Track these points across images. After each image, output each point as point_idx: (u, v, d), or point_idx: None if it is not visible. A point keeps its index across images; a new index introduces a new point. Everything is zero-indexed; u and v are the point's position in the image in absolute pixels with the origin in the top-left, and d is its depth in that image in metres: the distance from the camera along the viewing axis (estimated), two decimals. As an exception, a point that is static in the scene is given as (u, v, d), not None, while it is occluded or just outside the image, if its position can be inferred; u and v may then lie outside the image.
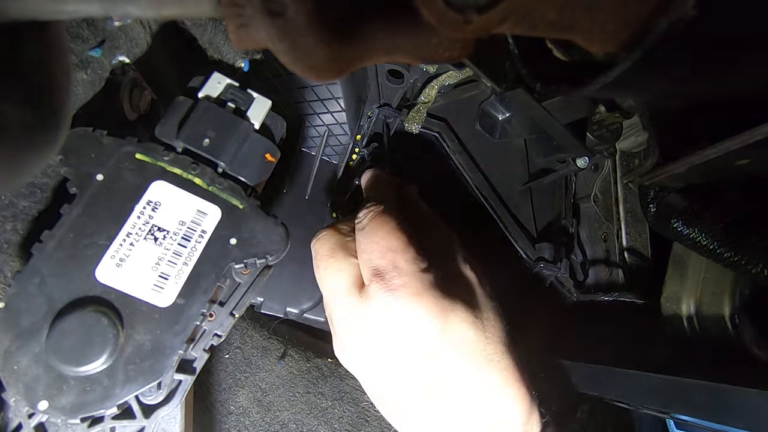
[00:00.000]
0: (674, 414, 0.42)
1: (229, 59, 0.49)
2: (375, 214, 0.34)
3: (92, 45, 0.37)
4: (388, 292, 0.31)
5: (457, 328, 0.31)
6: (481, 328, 0.32)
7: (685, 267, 0.50)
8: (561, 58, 0.24)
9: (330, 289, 0.34)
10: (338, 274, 0.34)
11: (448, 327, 0.31)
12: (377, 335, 0.31)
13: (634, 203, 0.53)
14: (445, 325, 0.31)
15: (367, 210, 0.35)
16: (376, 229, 0.33)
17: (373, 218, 0.34)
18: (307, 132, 0.54)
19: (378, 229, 0.33)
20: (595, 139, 0.51)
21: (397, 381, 0.32)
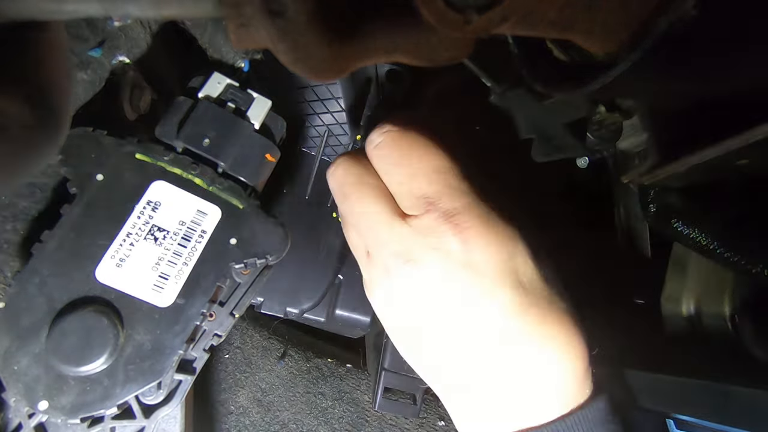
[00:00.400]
0: (674, 414, 0.42)
1: (229, 59, 0.49)
2: (396, 132, 0.27)
3: (92, 45, 0.37)
4: (449, 221, 0.26)
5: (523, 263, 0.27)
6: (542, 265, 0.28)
7: (685, 267, 0.50)
8: (561, 58, 0.24)
9: (371, 218, 0.27)
10: (378, 200, 0.28)
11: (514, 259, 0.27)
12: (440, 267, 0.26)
13: (634, 203, 0.53)
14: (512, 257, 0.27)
15: (381, 130, 0.28)
16: (406, 149, 0.27)
17: (396, 137, 0.27)
18: (307, 132, 0.54)
19: (409, 149, 0.27)
20: (595, 139, 0.51)
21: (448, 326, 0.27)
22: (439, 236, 0.26)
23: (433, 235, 0.26)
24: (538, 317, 0.27)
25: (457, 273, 0.26)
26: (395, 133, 0.28)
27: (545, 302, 0.27)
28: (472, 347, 0.27)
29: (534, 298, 0.27)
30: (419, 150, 0.27)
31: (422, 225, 0.26)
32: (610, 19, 0.18)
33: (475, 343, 0.27)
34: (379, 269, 0.28)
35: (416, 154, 0.27)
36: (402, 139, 0.27)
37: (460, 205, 0.26)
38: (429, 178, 0.26)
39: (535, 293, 0.27)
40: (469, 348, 0.27)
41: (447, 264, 0.26)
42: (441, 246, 0.26)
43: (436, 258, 0.26)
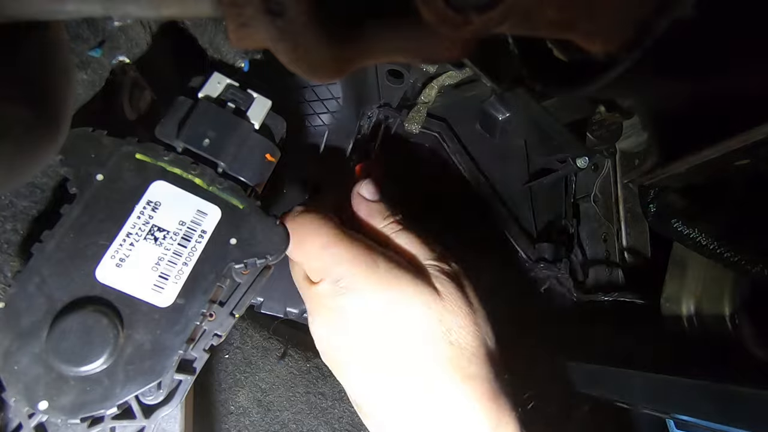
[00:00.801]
0: (674, 414, 0.42)
1: (229, 59, 0.49)
2: (290, 222, 0.35)
3: (92, 45, 0.37)
4: (336, 285, 0.32)
5: (407, 315, 0.31)
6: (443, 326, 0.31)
7: (685, 267, 0.50)
8: (561, 58, 0.24)
9: (297, 283, 0.37)
10: (297, 268, 0.36)
11: (401, 314, 0.31)
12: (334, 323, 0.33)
13: (634, 203, 0.53)
14: (396, 311, 0.31)
15: (295, 210, 0.36)
16: (299, 234, 0.34)
17: (291, 227, 0.34)
18: (307, 132, 0.54)
19: (301, 234, 0.34)
20: (595, 139, 0.51)
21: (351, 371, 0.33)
22: (334, 297, 0.32)
23: (329, 298, 0.32)
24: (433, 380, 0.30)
25: (353, 328, 0.32)
26: (290, 223, 0.35)
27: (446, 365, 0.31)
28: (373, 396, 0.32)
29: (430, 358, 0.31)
30: (311, 232, 0.34)
31: (320, 290, 0.33)
32: (610, 19, 0.18)
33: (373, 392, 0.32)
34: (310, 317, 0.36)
35: (308, 237, 0.34)
36: (295, 226, 0.34)
37: (342, 272, 0.32)
38: (318, 254, 0.33)
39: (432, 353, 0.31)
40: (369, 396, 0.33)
41: (343, 321, 0.32)
42: (335, 304, 0.32)
43: (333, 314, 0.33)
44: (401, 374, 0.31)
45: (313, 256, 0.33)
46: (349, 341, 0.32)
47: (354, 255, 0.32)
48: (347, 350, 0.33)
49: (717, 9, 0.16)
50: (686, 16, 0.16)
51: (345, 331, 0.32)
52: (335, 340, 0.33)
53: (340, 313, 0.32)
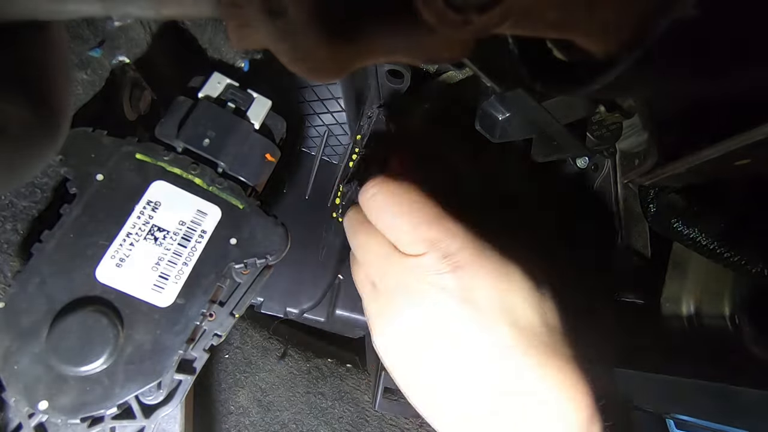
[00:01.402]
0: (674, 414, 0.42)
1: (229, 59, 0.49)
2: (389, 186, 0.30)
3: (92, 45, 0.37)
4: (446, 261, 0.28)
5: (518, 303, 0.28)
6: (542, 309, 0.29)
7: (685, 267, 0.50)
8: (561, 58, 0.24)
9: (375, 256, 0.31)
10: (382, 239, 0.30)
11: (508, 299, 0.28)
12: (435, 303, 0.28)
13: (634, 203, 0.53)
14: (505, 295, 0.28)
15: (375, 182, 0.31)
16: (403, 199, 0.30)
17: (391, 191, 0.30)
18: (307, 132, 0.54)
19: (407, 202, 0.29)
20: (595, 139, 0.51)
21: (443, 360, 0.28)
22: (439, 273, 0.28)
23: (433, 272, 0.28)
24: (538, 361, 0.27)
25: (454, 308, 0.28)
26: (391, 186, 0.30)
27: (544, 346, 0.28)
28: (469, 386, 0.28)
29: (532, 340, 0.28)
30: (416, 201, 0.29)
31: (423, 263, 0.28)
32: (610, 19, 0.18)
33: (471, 382, 0.28)
34: (382, 300, 0.30)
35: (414, 206, 0.29)
36: (399, 191, 0.30)
37: (456, 247, 0.28)
38: (428, 225, 0.29)
39: (534, 335, 0.28)
40: (465, 386, 0.28)
41: (446, 299, 0.28)
42: (440, 283, 0.28)
43: (435, 293, 0.28)
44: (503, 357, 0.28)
45: (422, 225, 0.29)
46: (449, 321, 0.28)
47: (467, 232, 0.29)
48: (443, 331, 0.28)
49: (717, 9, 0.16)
50: (686, 15, 0.16)
51: (448, 311, 0.28)
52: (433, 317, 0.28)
53: (445, 290, 0.28)
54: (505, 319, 0.28)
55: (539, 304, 0.29)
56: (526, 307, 0.28)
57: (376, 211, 0.30)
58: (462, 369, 0.28)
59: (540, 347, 0.28)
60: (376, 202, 0.30)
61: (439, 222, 0.29)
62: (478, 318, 0.28)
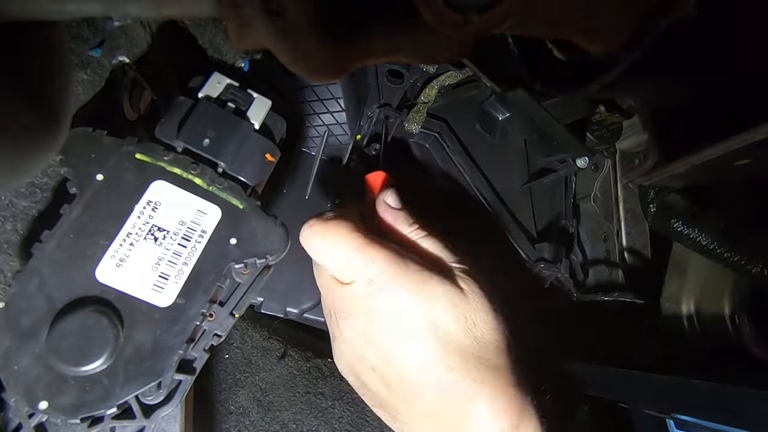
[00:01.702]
0: (674, 414, 0.42)
1: (229, 59, 0.49)
2: (316, 227, 0.35)
3: (92, 45, 0.37)
4: (369, 286, 0.32)
5: (442, 319, 0.32)
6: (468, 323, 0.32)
7: (685, 267, 0.50)
8: (561, 58, 0.24)
9: (322, 286, 0.36)
10: (324, 272, 0.36)
11: (430, 313, 0.32)
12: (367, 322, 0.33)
13: (634, 203, 0.54)
14: (426, 309, 0.32)
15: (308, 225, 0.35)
16: (330, 235, 0.34)
17: (320, 231, 0.35)
18: (307, 132, 0.54)
19: (330, 238, 0.34)
20: (595, 139, 0.51)
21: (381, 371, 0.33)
22: (368, 296, 0.32)
23: (363, 295, 0.33)
24: (462, 375, 0.31)
25: (386, 325, 0.32)
26: (317, 227, 0.35)
27: (469, 358, 0.32)
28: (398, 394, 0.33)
29: (456, 352, 0.31)
30: (339, 237, 0.34)
31: (353, 290, 0.33)
32: (609, 20, 0.18)
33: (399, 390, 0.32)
34: (332, 322, 0.36)
35: (337, 241, 0.34)
36: (325, 231, 0.34)
37: (376, 271, 0.32)
38: (350, 256, 0.33)
39: (459, 348, 0.32)
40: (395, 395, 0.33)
41: (378, 318, 0.32)
42: (371, 304, 0.32)
43: (369, 313, 0.32)
44: (430, 370, 0.31)
45: (345, 258, 0.33)
46: (382, 337, 0.32)
47: (385, 256, 0.33)
48: (378, 346, 0.33)
49: (717, 9, 0.16)
50: (686, 15, 0.16)
51: (379, 329, 0.32)
52: (367, 336, 0.33)
53: (374, 311, 0.32)
54: (431, 334, 0.31)
55: (464, 317, 0.32)
56: (449, 320, 0.32)
57: (311, 250, 0.35)
58: (397, 379, 0.32)
59: (465, 359, 0.31)
60: (309, 242, 0.35)
61: (361, 251, 0.33)
62: (406, 333, 0.32)
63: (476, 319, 0.33)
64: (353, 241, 0.34)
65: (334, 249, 0.34)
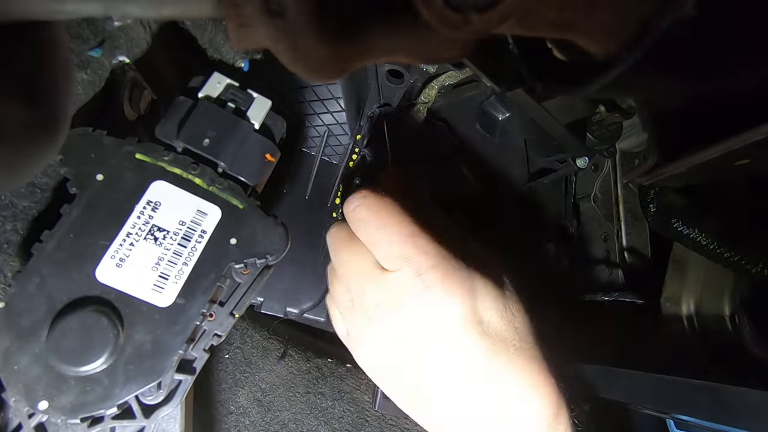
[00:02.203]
0: (674, 414, 0.42)
1: (229, 59, 0.49)
2: (371, 200, 0.32)
3: (92, 45, 0.37)
4: (419, 278, 0.30)
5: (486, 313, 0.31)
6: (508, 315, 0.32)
7: (685, 267, 0.50)
8: (561, 58, 0.24)
9: (356, 272, 0.33)
10: (364, 257, 0.32)
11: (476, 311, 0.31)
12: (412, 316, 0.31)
13: (634, 203, 0.53)
14: (473, 309, 0.31)
15: (359, 195, 0.33)
16: (385, 216, 0.32)
17: (373, 205, 0.32)
18: (307, 132, 0.54)
19: (384, 217, 0.32)
20: (595, 139, 0.51)
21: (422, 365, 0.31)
22: (412, 290, 0.30)
23: (407, 288, 0.30)
24: (507, 365, 0.31)
25: (430, 321, 0.30)
26: (372, 200, 0.32)
27: (513, 349, 0.31)
28: (448, 389, 0.31)
29: (500, 345, 0.31)
30: (393, 217, 0.32)
31: (398, 279, 0.31)
32: (609, 19, 0.18)
33: (443, 384, 0.31)
34: (360, 315, 0.33)
35: (391, 221, 0.31)
36: (379, 206, 0.32)
37: (427, 266, 0.30)
38: (403, 242, 0.31)
39: (503, 341, 0.31)
40: (444, 389, 0.31)
41: (422, 313, 0.30)
42: (416, 300, 0.30)
43: (413, 308, 0.30)
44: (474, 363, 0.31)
45: (398, 241, 0.31)
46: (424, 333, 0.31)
47: (438, 250, 0.31)
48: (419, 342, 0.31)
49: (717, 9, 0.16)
50: (686, 15, 0.16)
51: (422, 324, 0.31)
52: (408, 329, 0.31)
53: (420, 306, 0.30)
54: (476, 330, 0.30)
55: (505, 310, 0.32)
56: (493, 315, 0.31)
57: (357, 223, 0.33)
58: (441, 373, 0.31)
59: (509, 351, 0.31)
60: (358, 215, 0.32)
61: (414, 239, 0.31)
62: (450, 330, 0.30)
63: (515, 312, 0.32)
64: (408, 226, 0.31)
65: (384, 227, 0.31)
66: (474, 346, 0.30)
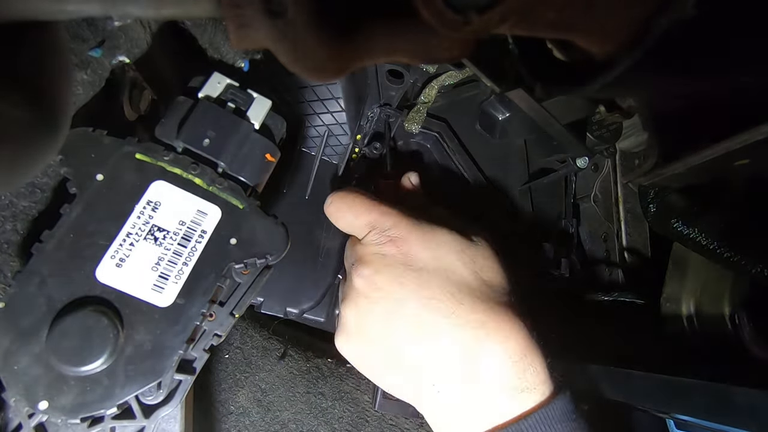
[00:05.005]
0: (674, 414, 0.42)
1: (229, 59, 0.49)
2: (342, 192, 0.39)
3: (92, 45, 0.37)
4: (384, 234, 0.35)
5: (448, 260, 0.35)
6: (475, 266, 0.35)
7: (685, 267, 0.50)
8: (561, 58, 0.24)
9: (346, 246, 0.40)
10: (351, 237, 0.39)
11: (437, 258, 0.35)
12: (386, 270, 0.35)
13: (634, 203, 0.53)
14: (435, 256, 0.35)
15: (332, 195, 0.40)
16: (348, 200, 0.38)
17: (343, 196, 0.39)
18: (307, 132, 0.54)
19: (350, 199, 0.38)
20: (595, 139, 0.51)
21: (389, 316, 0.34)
22: (380, 245, 0.36)
23: (375, 244, 0.36)
24: (468, 309, 0.33)
25: (397, 270, 0.34)
26: (344, 192, 0.39)
27: (478, 294, 0.34)
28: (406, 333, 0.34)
29: (465, 291, 0.34)
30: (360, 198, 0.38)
31: (367, 240, 0.37)
32: (609, 19, 0.18)
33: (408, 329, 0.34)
34: (348, 282, 0.37)
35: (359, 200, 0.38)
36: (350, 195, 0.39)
37: (390, 223, 0.36)
38: (367, 212, 0.37)
39: (467, 288, 0.34)
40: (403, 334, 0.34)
41: (389, 263, 0.35)
42: (381, 251, 0.35)
43: (380, 259, 0.35)
44: (442, 308, 0.33)
45: (363, 213, 0.37)
46: (392, 282, 0.34)
47: (398, 212, 0.37)
48: (388, 290, 0.34)
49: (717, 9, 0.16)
50: (686, 15, 0.16)
51: (389, 274, 0.34)
52: (377, 281, 0.35)
53: (385, 258, 0.35)
54: (440, 276, 0.34)
55: (471, 261, 0.35)
56: (457, 264, 0.35)
57: (332, 214, 0.39)
58: (406, 320, 0.34)
59: (474, 296, 0.34)
60: (331, 208, 0.39)
61: (376, 208, 0.37)
62: (417, 276, 0.34)
63: (483, 264, 0.36)
64: (368, 201, 0.37)
65: (350, 207, 0.38)
66: (439, 291, 0.33)
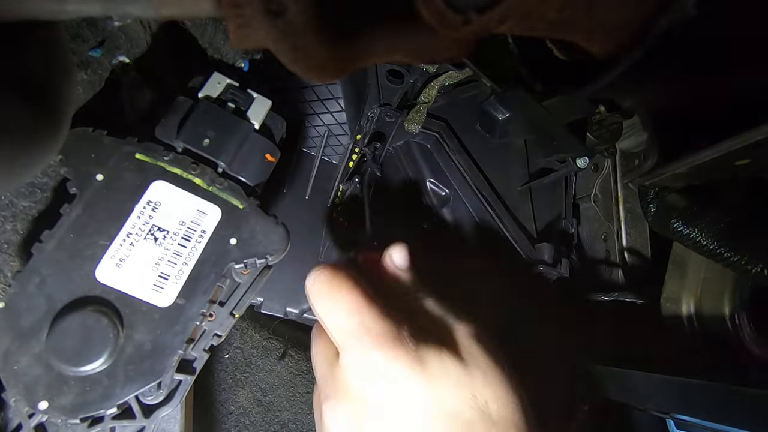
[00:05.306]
0: (674, 414, 0.42)
1: (229, 59, 0.49)
2: (324, 275, 0.33)
3: (92, 45, 0.37)
4: (362, 351, 0.30)
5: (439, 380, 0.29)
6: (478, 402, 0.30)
7: (685, 267, 0.50)
8: (561, 58, 0.24)
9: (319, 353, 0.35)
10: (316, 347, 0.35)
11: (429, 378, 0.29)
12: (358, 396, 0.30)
13: (634, 203, 0.53)
14: (423, 375, 0.29)
15: (315, 271, 0.34)
16: (333, 288, 0.32)
17: (324, 280, 0.33)
18: (307, 132, 0.54)
19: (335, 289, 0.32)
20: (595, 139, 0.51)
21: None
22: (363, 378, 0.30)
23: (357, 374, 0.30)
24: None
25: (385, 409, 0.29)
26: (326, 275, 0.33)
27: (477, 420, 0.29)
28: None
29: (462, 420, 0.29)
30: (344, 290, 0.32)
31: (346, 362, 0.30)
32: (610, 19, 0.18)
33: None
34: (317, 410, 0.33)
35: (341, 294, 0.32)
36: (333, 280, 0.33)
37: (369, 341, 0.30)
38: (349, 316, 0.31)
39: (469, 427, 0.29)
40: None
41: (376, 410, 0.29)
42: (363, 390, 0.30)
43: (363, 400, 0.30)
44: None
45: (346, 316, 0.31)
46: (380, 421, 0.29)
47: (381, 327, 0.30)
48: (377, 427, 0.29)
49: (717, 9, 0.16)
50: (687, 15, 0.16)
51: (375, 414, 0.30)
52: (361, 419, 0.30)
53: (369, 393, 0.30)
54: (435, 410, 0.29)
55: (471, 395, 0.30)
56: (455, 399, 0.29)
57: (312, 297, 0.33)
58: None
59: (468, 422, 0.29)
60: (312, 288, 0.33)
61: (360, 313, 0.31)
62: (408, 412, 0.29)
63: (487, 397, 0.30)
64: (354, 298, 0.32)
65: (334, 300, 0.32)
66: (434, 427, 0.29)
